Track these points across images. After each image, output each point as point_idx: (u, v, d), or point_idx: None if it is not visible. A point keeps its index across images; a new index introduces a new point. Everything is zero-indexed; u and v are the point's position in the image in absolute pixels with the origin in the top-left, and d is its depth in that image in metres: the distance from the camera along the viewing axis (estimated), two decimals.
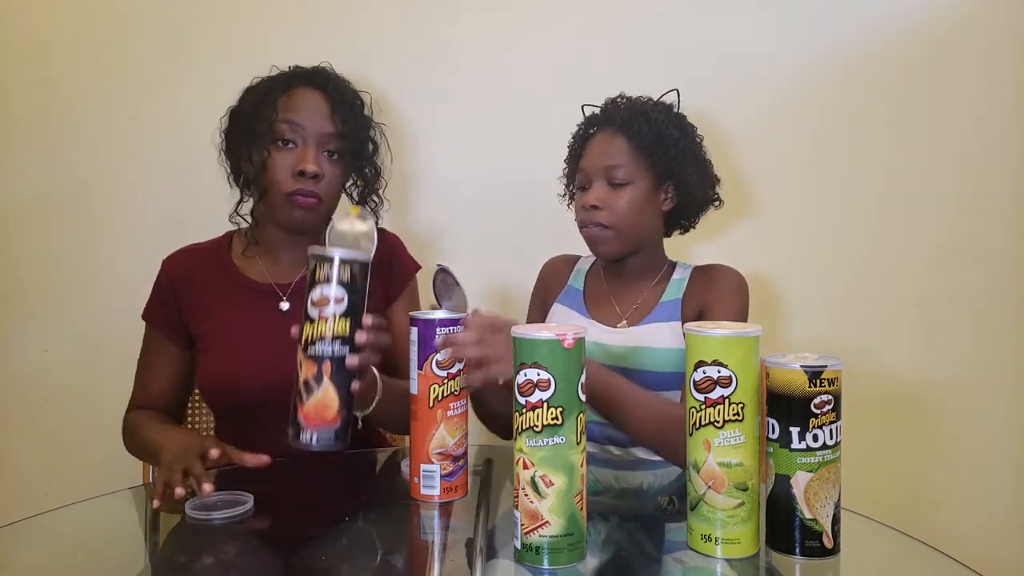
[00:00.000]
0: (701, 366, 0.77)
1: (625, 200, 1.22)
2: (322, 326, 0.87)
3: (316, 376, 0.87)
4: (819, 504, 0.77)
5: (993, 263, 1.66)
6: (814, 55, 1.65)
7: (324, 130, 1.19)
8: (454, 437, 0.93)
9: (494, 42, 1.66)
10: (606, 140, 1.25)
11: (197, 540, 0.88)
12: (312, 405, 0.87)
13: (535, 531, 0.75)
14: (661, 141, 1.23)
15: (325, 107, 1.21)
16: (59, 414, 1.62)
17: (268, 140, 1.18)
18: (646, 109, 1.25)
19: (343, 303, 0.87)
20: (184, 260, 1.27)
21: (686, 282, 1.28)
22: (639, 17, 1.65)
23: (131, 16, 1.62)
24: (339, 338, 0.87)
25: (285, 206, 1.19)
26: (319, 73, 1.25)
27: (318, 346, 0.87)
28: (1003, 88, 1.64)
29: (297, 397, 0.88)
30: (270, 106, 1.19)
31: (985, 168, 1.65)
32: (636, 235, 1.26)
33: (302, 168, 1.16)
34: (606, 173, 1.23)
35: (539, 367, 0.74)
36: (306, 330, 0.87)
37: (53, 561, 0.82)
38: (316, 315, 0.87)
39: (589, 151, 1.27)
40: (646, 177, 1.24)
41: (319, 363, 0.87)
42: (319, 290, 0.87)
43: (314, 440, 0.87)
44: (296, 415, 0.87)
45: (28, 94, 1.62)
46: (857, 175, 1.66)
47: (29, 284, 1.62)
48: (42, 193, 1.62)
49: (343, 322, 0.87)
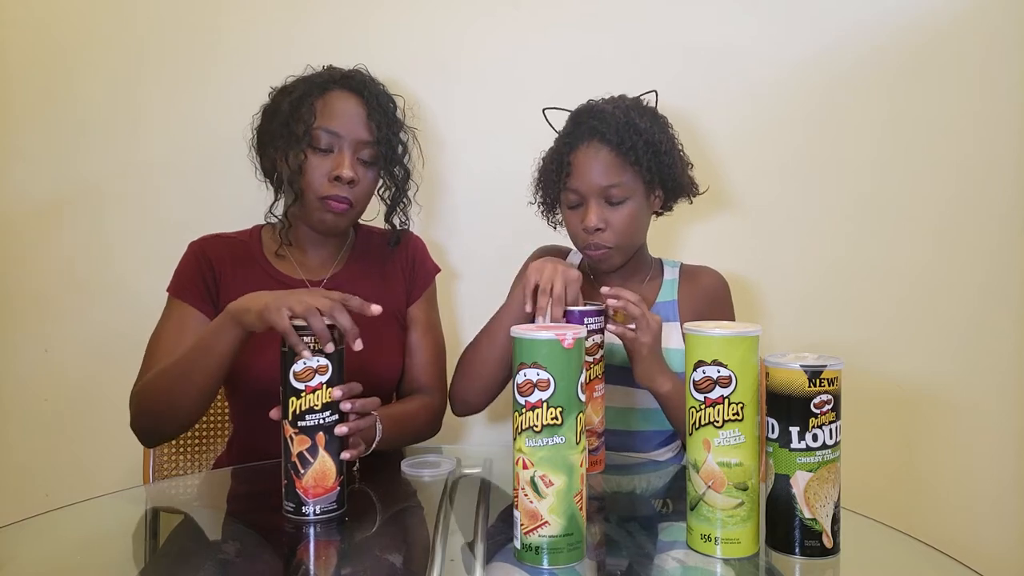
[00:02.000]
0: (701, 366, 0.77)
1: (626, 217, 1.21)
2: (311, 398, 0.87)
3: (311, 449, 0.87)
4: (819, 504, 0.77)
5: (993, 263, 1.66)
6: (810, 52, 1.65)
7: (360, 137, 1.21)
8: (598, 416, 1.06)
9: (514, 44, 1.65)
10: (596, 157, 1.19)
11: (197, 540, 0.88)
12: (311, 477, 0.87)
13: (535, 531, 0.75)
14: (654, 152, 1.20)
15: (362, 113, 1.22)
16: (59, 414, 1.62)
17: (305, 144, 1.19)
18: (632, 119, 1.19)
19: (327, 372, 0.88)
20: (218, 243, 1.27)
21: (677, 283, 1.31)
22: (643, 14, 1.65)
23: (141, 17, 1.62)
24: (328, 407, 0.88)
25: (318, 209, 1.21)
26: (356, 77, 1.25)
27: (308, 419, 0.87)
28: (1002, 86, 1.64)
29: (292, 471, 0.88)
30: (307, 109, 1.20)
31: (983, 167, 1.65)
32: (636, 244, 1.27)
33: (338, 174, 1.19)
34: (603, 192, 1.19)
35: (539, 367, 0.74)
36: (292, 404, 0.87)
37: (53, 561, 0.82)
38: (302, 388, 0.87)
39: (579, 169, 1.20)
40: (640, 187, 1.22)
41: (312, 435, 0.87)
42: (301, 363, 0.87)
43: (317, 510, 0.88)
44: (294, 489, 0.88)
45: (31, 94, 1.62)
46: (856, 175, 1.66)
47: (29, 284, 1.62)
48: (42, 194, 1.62)
49: (329, 391, 0.88)
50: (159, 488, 1.18)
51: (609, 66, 1.64)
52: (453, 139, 1.65)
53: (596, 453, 1.07)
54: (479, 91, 1.65)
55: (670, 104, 1.46)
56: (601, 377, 1.07)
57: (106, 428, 1.60)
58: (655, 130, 1.21)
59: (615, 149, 1.18)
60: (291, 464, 0.88)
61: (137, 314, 1.27)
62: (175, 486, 1.18)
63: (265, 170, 1.30)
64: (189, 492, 1.11)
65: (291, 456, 0.88)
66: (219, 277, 1.23)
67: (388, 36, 1.63)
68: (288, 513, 0.88)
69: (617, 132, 1.18)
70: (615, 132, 1.18)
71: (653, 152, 1.20)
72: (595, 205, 1.20)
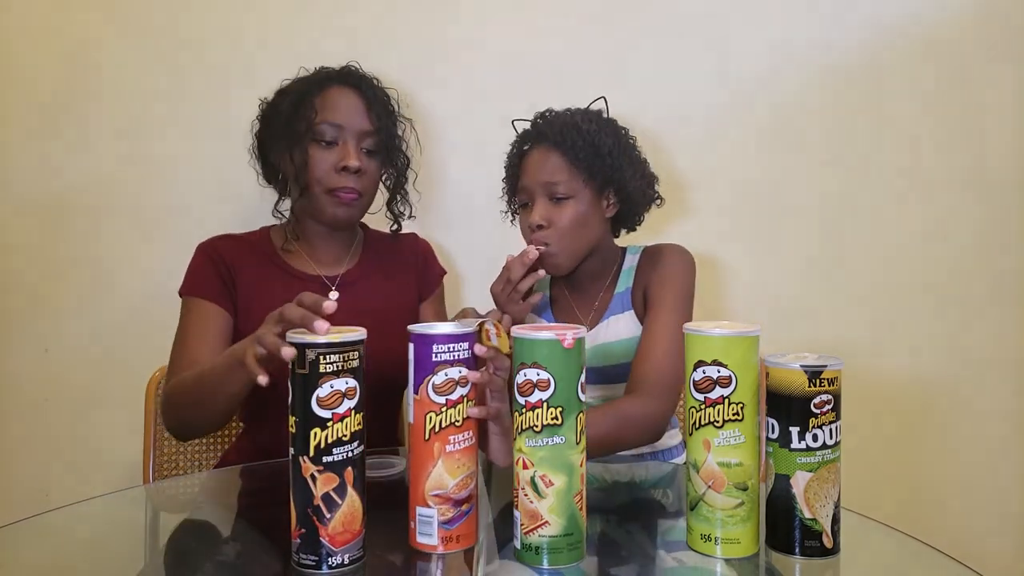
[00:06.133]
0: (701, 366, 0.77)
1: (568, 216, 1.23)
2: (338, 428, 0.73)
3: (339, 488, 0.73)
4: (819, 504, 0.77)
5: (993, 262, 1.66)
6: (808, 47, 1.65)
7: (362, 127, 1.24)
8: (455, 477, 0.77)
9: (509, 41, 1.65)
10: (542, 156, 1.25)
11: (197, 540, 0.88)
12: (339, 522, 0.73)
13: (535, 531, 0.75)
14: (596, 152, 1.23)
15: (361, 105, 1.25)
16: (59, 414, 1.62)
17: (309, 139, 1.21)
18: (576, 121, 1.24)
19: (356, 396, 0.74)
20: (229, 242, 1.28)
21: (635, 268, 1.31)
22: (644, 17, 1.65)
23: (146, 17, 1.62)
24: (357, 436, 0.75)
25: (328, 203, 1.23)
26: (351, 72, 1.28)
27: (336, 452, 0.73)
28: (1002, 86, 1.64)
29: (315, 517, 0.73)
30: (308, 106, 1.22)
31: (983, 166, 1.65)
32: (584, 247, 1.27)
33: (345, 164, 1.21)
34: (546, 189, 1.24)
35: (539, 367, 0.74)
36: (315, 437, 0.72)
37: (53, 561, 0.82)
38: (328, 416, 0.72)
39: (527, 168, 1.27)
40: (586, 189, 1.24)
41: (340, 472, 0.73)
42: (327, 387, 0.72)
43: (346, 560, 0.74)
44: (317, 539, 0.73)
45: (31, 94, 1.62)
46: (857, 174, 1.66)
47: (30, 283, 1.62)
48: (43, 194, 1.62)
49: (358, 417, 0.75)
50: (159, 488, 1.18)
51: (603, 64, 1.64)
52: (453, 139, 1.65)
53: (451, 527, 0.78)
54: (480, 91, 1.65)
55: (669, 104, 1.46)
56: (461, 425, 0.78)
57: (106, 428, 1.60)
58: (600, 133, 1.24)
59: (558, 148, 1.23)
60: (314, 508, 0.73)
61: (138, 313, 1.27)
62: (175, 486, 1.18)
63: (267, 175, 1.31)
64: (189, 492, 1.11)
65: (314, 499, 0.73)
66: (235, 274, 1.24)
67: (388, 36, 1.63)
68: (308, 568, 0.73)
69: (560, 133, 1.23)
70: (558, 133, 1.23)
71: (595, 153, 1.23)
72: (540, 203, 1.24)
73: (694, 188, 1.66)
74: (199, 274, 1.24)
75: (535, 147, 1.27)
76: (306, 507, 0.73)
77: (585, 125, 1.24)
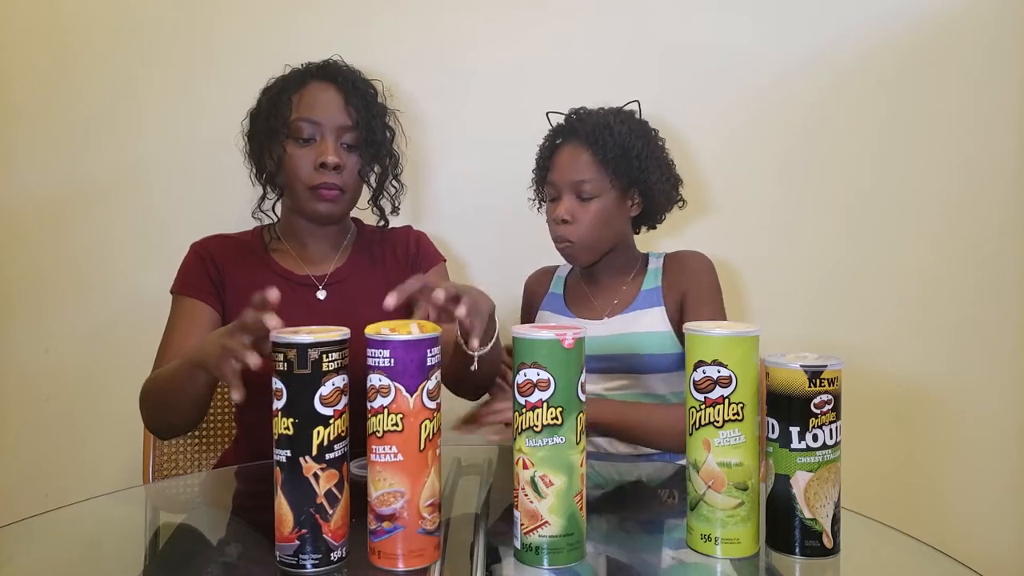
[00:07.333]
0: (701, 366, 0.77)
1: (593, 213, 1.27)
2: (338, 424, 0.74)
3: (339, 484, 0.74)
4: (819, 504, 0.77)
5: (993, 263, 1.66)
6: (809, 51, 1.65)
7: (340, 122, 1.23)
8: (440, 482, 0.78)
9: (507, 39, 1.65)
10: (573, 154, 1.28)
11: (197, 540, 0.88)
12: (339, 516, 0.75)
13: (535, 531, 0.75)
14: (625, 154, 1.26)
15: (339, 99, 1.24)
16: (60, 413, 1.63)
17: (285, 136, 1.21)
18: (609, 122, 1.27)
19: (347, 391, 0.76)
20: (220, 242, 1.29)
21: (661, 270, 1.34)
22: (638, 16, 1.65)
23: (144, 16, 1.62)
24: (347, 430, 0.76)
25: (310, 200, 1.23)
26: (330, 67, 1.27)
27: (337, 448, 0.74)
28: (1002, 86, 1.64)
29: (319, 515, 0.73)
30: (285, 104, 1.22)
31: (983, 167, 1.65)
32: (605, 243, 1.31)
33: (323, 160, 1.20)
34: (574, 187, 1.27)
35: (539, 367, 0.74)
36: (318, 436, 0.73)
37: (53, 561, 0.82)
38: (330, 413, 0.73)
39: (557, 164, 1.30)
40: (612, 189, 1.28)
41: (339, 467, 0.74)
42: (329, 385, 0.73)
43: (344, 552, 0.75)
44: (320, 536, 0.73)
45: (32, 92, 1.62)
46: (857, 174, 1.66)
47: (30, 283, 1.62)
48: (43, 193, 1.62)
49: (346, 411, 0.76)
50: (159, 488, 1.18)
51: (607, 64, 1.64)
52: (452, 141, 1.65)
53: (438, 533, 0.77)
54: (478, 91, 1.65)
55: (669, 105, 1.46)
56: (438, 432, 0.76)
57: (106, 428, 1.60)
58: (631, 136, 1.27)
59: (589, 148, 1.27)
60: (316, 507, 0.73)
61: (138, 313, 1.27)
62: (175, 486, 1.18)
63: (258, 173, 1.30)
64: (189, 492, 1.11)
65: (316, 498, 0.73)
66: (223, 273, 1.24)
67: (388, 37, 1.63)
68: (315, 567, 0.73)
69: (592, 132, 1.26)
70: (591, 132, 1.27)
71: (624, 155, 1.26)
72: (566, 199, 1.28)
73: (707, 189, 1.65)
74: (189, 273, 1.25)
75: (567, 143, 1.30)
76: (307, 507, 0.73)
77: (617, 126, 1.27)
